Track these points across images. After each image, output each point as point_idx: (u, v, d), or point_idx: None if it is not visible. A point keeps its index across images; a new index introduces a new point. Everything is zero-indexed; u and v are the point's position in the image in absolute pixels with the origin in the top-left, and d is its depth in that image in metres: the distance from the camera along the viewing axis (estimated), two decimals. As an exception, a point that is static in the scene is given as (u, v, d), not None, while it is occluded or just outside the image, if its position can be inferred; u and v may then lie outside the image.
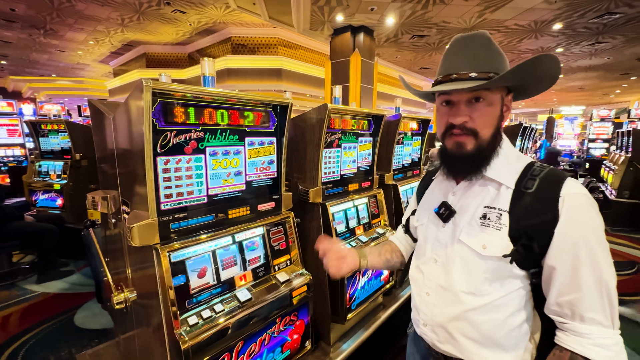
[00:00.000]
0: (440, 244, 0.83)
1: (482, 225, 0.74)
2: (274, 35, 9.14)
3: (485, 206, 0.76)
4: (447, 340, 0.81)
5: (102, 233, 1.69)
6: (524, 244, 0.69)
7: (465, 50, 0.75)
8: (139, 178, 1.04)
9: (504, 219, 0.72)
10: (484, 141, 0.75)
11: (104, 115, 1.30)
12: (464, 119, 0.75)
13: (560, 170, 0.74)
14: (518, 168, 0.76)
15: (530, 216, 0.69)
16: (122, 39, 9.68)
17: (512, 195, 0.72)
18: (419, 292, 0.88)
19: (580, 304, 0.64)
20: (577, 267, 0.64)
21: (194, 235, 1.14)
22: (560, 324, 0.69)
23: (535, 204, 0.69)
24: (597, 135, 9.18)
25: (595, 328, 0.64)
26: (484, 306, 0.74)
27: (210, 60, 1.19)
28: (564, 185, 0.68)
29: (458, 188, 0.83)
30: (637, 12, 5.53)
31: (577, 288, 0.64)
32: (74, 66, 12.81)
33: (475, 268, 0.75)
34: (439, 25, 6.47)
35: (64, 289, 3.16)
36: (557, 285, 0.67)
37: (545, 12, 5.63)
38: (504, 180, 0.74)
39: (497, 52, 0.74)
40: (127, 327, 1.47)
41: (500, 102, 0.75)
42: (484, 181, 0.78)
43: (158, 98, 0.99)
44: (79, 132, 3.87)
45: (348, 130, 1.79)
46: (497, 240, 0.71)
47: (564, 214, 0.66)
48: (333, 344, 1.75)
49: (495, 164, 0.77)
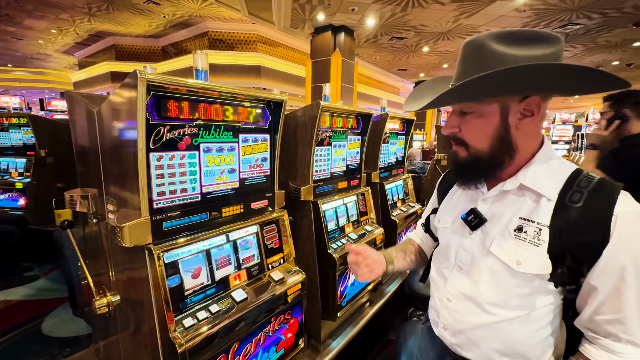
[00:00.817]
0: (466, 252, 0.79)
1: (517, 238, 0.69)
2: (253, 32, 8.98)
3: (521, 217, 0.70)
4: (468, 346, 0.78)
5: (78, 233, 1.59)
6: (569, 265, 0.64)
7: (464, 57, 0.71)
8: (130, 175, 0.99)
9: (543, 234, 0.66)
10: (478, 152, 0.72)
11: (86, 108, 1.22)
12: (450, 130, 0.75)
13: (611, 181, 0.66)
14: (561, 177, 0.68)
15: (576, 234, 0.62)
16: (89, 29, 9.10)
17: (554, 208, 0.66)
18: (440, 297, 0.85)
19: (619, 325, 0.62)
20: (621, 290, 0.60)
21: (188, 235, 1.10)
22: (593, 338, 0.67)
23: (582, 221, 0.62)
24: (560, 137, 9.85)
25: (630, 348, 0.62)
26: (511, 320, 0.71)
27: (203, 53, 1.15)
28: (618, 202, 0.61)
29: (489, 194, 0.77)
30: (595, 24, 6.00)
31: (617, 310, 0.61)
32: (33, 56, 11.89)
33: (505, 282, 0.70)
34: (417, 28, 6.66)
35: (28, 295, 2.93)
36: (596, 304, 0.64)
37: (515, 20, 5.97)
38: (545, 191, 0.68)
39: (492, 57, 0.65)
40: (109, 332, 1.39)
41: (497, 112, 0.69)
42: (520, 190, 0.72)
43: (151, 91, 0.94)
44: (44, 127, 3.60)
45: (338, 128, 1.80)
46: (534, 257, 0.66)
47: (615, 234, 0.60)
48: (323, 341, 1.75)
49: (533, 171, 0.71)
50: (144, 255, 0.99)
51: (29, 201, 3.51)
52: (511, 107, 0.69)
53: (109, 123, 1.09)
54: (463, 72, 0.69)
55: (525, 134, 0.71)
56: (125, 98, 0.95)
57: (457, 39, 7.23)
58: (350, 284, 1.81)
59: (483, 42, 0.66)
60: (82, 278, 1.50)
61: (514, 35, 0.65)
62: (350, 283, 1.82)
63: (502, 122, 0.70)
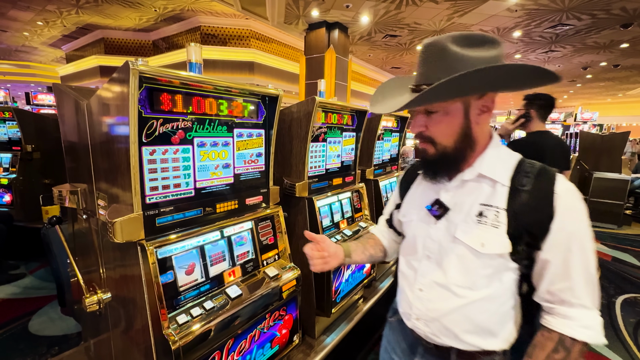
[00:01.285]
0: (433, 241, 0.83)
1: (479, 222, 0.75)
2: (246, 27, 8.87)
3: (481, 203, 0.76)
4: (441, 332, 0.81)
5: (67, 230, 1.55)
6: (526, 242, 0.71)
7: (424, 59, 0.73)
8: (122, 169, 0.97)
9: (501, 216, 0.73)
10: (444, 147, 0.77)
11: (75, 101, 1.19)
12: (418, 129, 0.79)
13: (548, 167, 0.75)
14: (510, 165, 0.77)
15: (528, 214, 0.71)
16: (76, 21, 8.87)
17: (508, 192, 0.74)
18: (411, 288, 0.87)
19: (570, 292, 0.69)
20: (568, 258, 0.69)
21: (182, 230, 1.08)
22: (549, 308, 0.74)
23: (532, 202, 0.71)
24: (548, 136, 10.01)
25: (581, 311, 0.70)
26: (480, 300, 0.76)
27: (197, 45, 1.13)
28: (556, 182, 0.71)
29: (451, 185, 0.82)
30: (584, 25, 6.10)
31: (567, 277, 0.69)
32: (18, 48, 11.54)
33: (472, 264, 0.76)
34: (410, 27, 6.67)
35: (14, 293, 2.86)
36: (550, 275, 0.71)
37: (507, 20, 6.03)
38: (499, 178, 0.75)
39: (456, 59, 0.68)
40: (99, 330, 1.37)
41: (461, 109, 0.74)
42: (478, 178, 0.78)
43: (144, 83, 0.92)
44: (30, 122, 3.51)
45: (333, 124, 1.79)
46: (496, 238, 0.72)
47: (559, 210, 0.69)
48: (317, 337, 1.76)
49: (487, 161, 0.78)
50: (136, 252, 0.97)
51: (14, 197, 3.42)
52: (472, 104, 0.75)
53: (99, 116, 1.06)
54: (426, 73, 0.73)
55: (482, 128, 0.78)
56: (117, 90, 0.93)
57: (450, 37, 7.28)
58: (344, 280, 1.82)
59: (445, 45, 0.69)
60: (71, 275, 1.46)
61: (467, 38, 0.70)
62: (345, 279, 1.82)
63: (465, 119, 0.75)
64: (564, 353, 0.69)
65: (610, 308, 2.94)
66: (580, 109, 9.82)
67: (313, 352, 1.65)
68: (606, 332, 2.54)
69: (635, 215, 6.30)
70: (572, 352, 0.69)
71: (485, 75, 0.65)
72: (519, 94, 12.57)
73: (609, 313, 2.86)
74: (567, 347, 0.69)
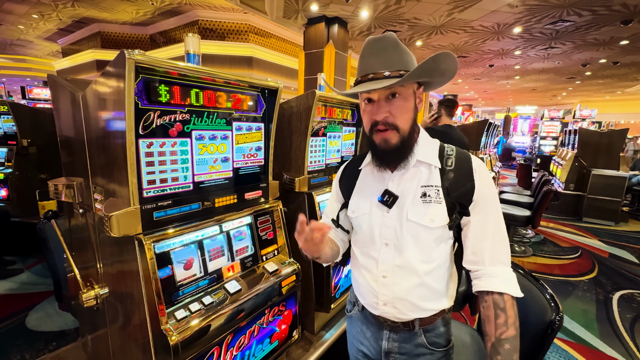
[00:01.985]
0: (388, 229, 0.89)
1: (425, 202, 0.85)
2: (244, 22, 8.77)
3: (422, 185, 0.86)
4: (408, 309, 0.89)
5: (64, 225, 1.53)
6: (460, 211, 0.84)
7: (378, 51, 0.82)
8: (118, 162, 0.95)
9: (440, 193, 0.84)
10: (405, 132, 0.84)
11: (70, 93, 1.16)
12: (384, 115, 0.82)
13: (461, 149, 0.90)
14: (435, 150, 0.89)
15: (457, 188, 0.84)
16: (72, 14, 8.74)
17: (440, 173, 0.86)
18: (375, 278, 0.92)
19: (488, 251, 0.82)
20: (486, 220, 0.83)
21: (180, 225, 1.06)
22: (475, 272, 0.85)
23: (458, 178, 0.84)
24: (548, 133, 10.04)
25: (500, 267, 0.82)
26: (433, 269, 0.87)
27: (195, 36, 1.11)
28: (472, 159, 0.87)
29: (394, 175, 0.90)
30: (584, 21, 6.07)
31: (485, 236, 0.82)
32: (13, 42, 11.37)
33: (425, 240, 0.85)
34: (410, 22, 6.62)
35: (11, 289, 2.84)
36: (472, 237, 0.84)
37: (508, 16, 5.99)
38: (432, 161, 0.87)
39: (405, 51, 0.82)
40: (97, 326, 1.35)
41: (413, 96, 0.84)
42: (417, 164, 0.88)
43: (140, 74, 0.90)
44: (26, 116, 3.46)
45: (333, 119, 1.77)
46: (440, 212, 0.84)
47: (477, 182, 0.83)
48: (317, 332, 1.75)
49: (421, 148, 0.88)
50: (133, 246, 0.95)
51: (10, 192, 3.38)
52: (416, 92, 0.85)
53: (95, 108, 1.03)
54: (390, 58, 0.81)
55: (418, 117, 0.89)
56: (113, 81, 0.90)
57: (450, 33, 7.23)
58: (344, 275, 1.81)
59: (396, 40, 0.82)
60: (68, 271, 1.45)
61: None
62: (344, 275, 1.82)
63: (414, 105, 0.85)
64: (503, 315, 0.78)
65: (608, 304, 2.96)
66: (579, 106, 9.84)
67: (312, 347, 1.65)
68: (603, 327, 2.56)
69: (632, 212, 6.33)
70: (507, 309, 0.78)
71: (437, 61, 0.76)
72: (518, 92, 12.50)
73: (606, 309, 2.87)
74: (502, 307, 0.79)
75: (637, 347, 2.35)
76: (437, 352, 0.92)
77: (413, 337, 0.92)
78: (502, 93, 16.42)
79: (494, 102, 20.36)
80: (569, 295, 3.09)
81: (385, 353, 0.95)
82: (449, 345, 0.94)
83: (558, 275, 3.50)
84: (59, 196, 1.31)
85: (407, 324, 0.91)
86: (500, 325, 0.78)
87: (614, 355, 2.26)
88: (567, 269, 3.68)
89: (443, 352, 0.93)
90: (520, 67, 10.10)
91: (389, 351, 0.94)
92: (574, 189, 5.92)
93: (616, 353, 2.28)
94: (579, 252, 4.22)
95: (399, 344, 0.93)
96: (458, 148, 0.91)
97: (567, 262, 3.90)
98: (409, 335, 0.92)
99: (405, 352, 0.93)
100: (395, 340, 0.94)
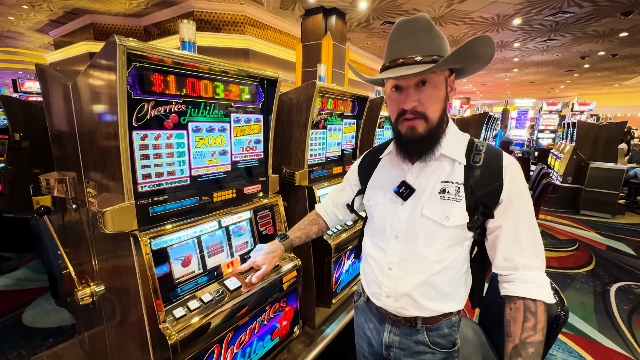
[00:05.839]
0: (400, 221, 0.86)
1: (442, 199, 0.80)
2: (240, 13, 8.61)
3: (442, 181, 0.82)
4: (410, 305, 0.86)
5: (58, 221, 1.49)
6: (483, 212, 0.78)
7: (409, 34, 0.75)
8: (111, 156, 0.90)
9: (461, 191, 0.79)
10: (434, 123, 0.79)
11: (60, 83, 1.11)
12: (413, 104, 0.77)
13: (493, 145, 0.85)
14: (464, 144, 0.84)
15: (482, 187, 0.78)
16: (64, 5, 8.52)
17: (464, 169, 0.80)
18: (380, 269, 0.90)
19: (522, 254, 0.76)
20: (518, 224, 0.76)
21: (177, 220, 1.03)
22: (507, 276, 0.79)
23: (485, 176, 0.79)
24: (546, 126, 10.03)
25: (535, 273, 0.76)
26: (443, 269, 0.82)
27: (190, 23, 1.06)
28: (503, 157, 0.80)
29: (414, 167, 0.86)
30: (585, 12, 6.01)
31: (518, 241, 0.76)
32: (4, 34, 11.11)
33: (437, 238, 0.81)
34: (409, 13, 6.52)
35: (7, 285, 2.80)
36: (503, 241, 0.78)
37: (508, 7, 5.91)
38: (457, 157, 0.82)
39: (438, 35, 0.76)
40: (94, 323, 1.32)
41: (445, 83, 0.79)
42: (439, 158, 0.83)
43: (133, 61, 0.85)
44: (18, 109, 3.38)
45: (334, 111, 1.73)
46: (458, 211, 0.79)
47: (506, 183, 0.77)
48: (317, 327, 1.74)
49: (447, 142, 0.83)
50: (129, 243, 0.92)
51: (3, 187, 3.32)
52: (448, 80, 0.79)
53: (85, 98, 0.98)
54: (422, 42, 0.74)
55: (448, 107, 0.83)
56: (104, 69, 0.85)
57: (449, 24, 7.14)
58: (345, 270, 1.79)
59: (429, 20, 0.76)
60: (63, 267, 1.41)
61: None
62: (345, 270, 1.79)
63: (445, 94, 0.80)
64: (533, 319, 0.74)
65: (605, 296, 2.98)
66: (576, 99, 9.82)
67: (313, 342, 1.63)
68: (601, 319, 2.58)
69: (629, 204, 6.36)
70: (538, 314, 0.74)
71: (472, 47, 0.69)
72: (517, 85, 12.47)
73: (604, 300, 2.89)
74: (533, 311, 0.74)
75: (634, 339, 2.37)
76: (439, 353, 0.89)
77: (414, 333, 0.89)
78: (500, 86, 16.36)
79: (492, 95, 20.31)
80: (566, 287, 3.10)
81: (385, 346, 0.94)
82: (453, 347, 0.90)
83: (556, 268, 3.51)
84: (51, 191, 1.26)
85: (409, 319, 0.89)
86: (527, 329, 0.74)
87: (611, 346, 2.27)
88: (564, 262, 3.69)
89: (445, 353, 0.89)
90: (519, 59, 10.03)
91: (390, 344, 0.93)
92: (572, 182, 5.93)
93: (614, 344, 2.30)
94: (576, 244, 4.24)
95: (399, 338, 0.91)
96: (490, 144, 0.85)
97: (565, 254, 3.91)
98: (410, 331, 0.90)
99: (406, 347, 0.91)
100: (396, 334, 0.92)
